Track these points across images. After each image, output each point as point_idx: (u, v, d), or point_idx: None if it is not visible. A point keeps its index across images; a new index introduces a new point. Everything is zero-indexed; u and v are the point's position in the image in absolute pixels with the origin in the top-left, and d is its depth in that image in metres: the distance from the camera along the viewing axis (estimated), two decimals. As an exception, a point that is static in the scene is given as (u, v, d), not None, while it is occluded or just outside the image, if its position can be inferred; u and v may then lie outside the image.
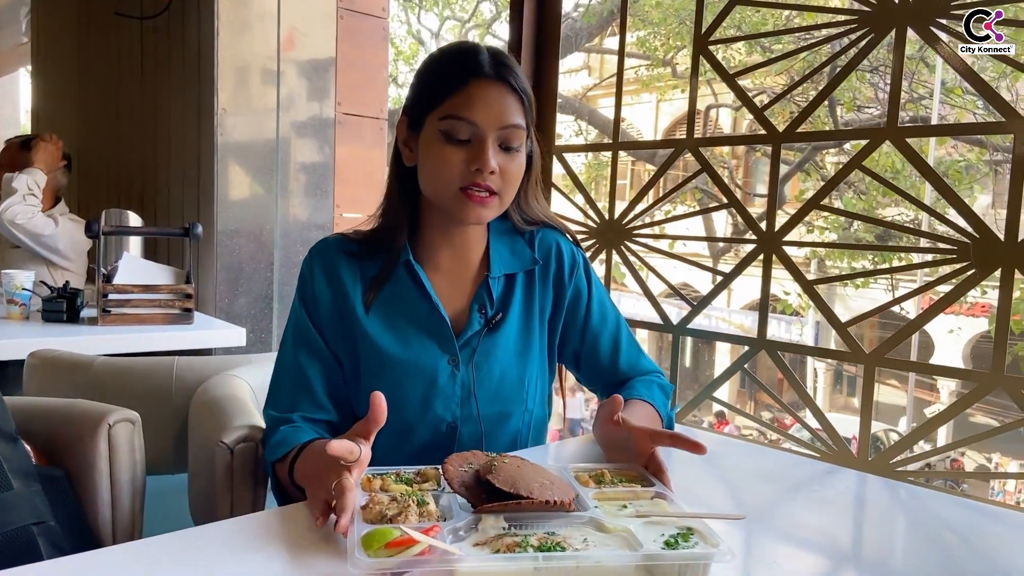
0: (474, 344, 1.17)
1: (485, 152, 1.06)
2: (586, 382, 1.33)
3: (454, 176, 1.07)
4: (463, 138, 1.07)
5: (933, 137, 6.94)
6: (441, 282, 1.19)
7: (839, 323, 1.42)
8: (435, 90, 1.09)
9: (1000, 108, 1.22)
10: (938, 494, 1.12)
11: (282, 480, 1.06)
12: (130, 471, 1.20)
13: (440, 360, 1.15)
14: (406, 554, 0.71)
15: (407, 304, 1.17)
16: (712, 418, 10.92)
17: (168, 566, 0.78)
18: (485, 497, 0.84)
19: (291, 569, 0.77)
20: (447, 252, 1.20)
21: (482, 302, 1.19)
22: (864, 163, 1.40)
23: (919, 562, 0.91)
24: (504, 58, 1.11)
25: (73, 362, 1.57)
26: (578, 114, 11.79)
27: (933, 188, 1.29)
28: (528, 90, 1.11)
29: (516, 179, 1.12)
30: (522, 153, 1.12)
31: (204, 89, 2.79)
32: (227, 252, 2.77)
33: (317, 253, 1.20)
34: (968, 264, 1.24)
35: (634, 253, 1.73)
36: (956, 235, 1.27)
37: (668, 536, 0.79)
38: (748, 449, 1.34)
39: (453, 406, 1.15)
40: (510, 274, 1.22)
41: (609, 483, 0.95)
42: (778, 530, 0.97)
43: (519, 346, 1.21)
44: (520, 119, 1.09)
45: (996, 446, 10.39)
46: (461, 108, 1.06)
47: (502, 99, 1.07)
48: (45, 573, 0.76)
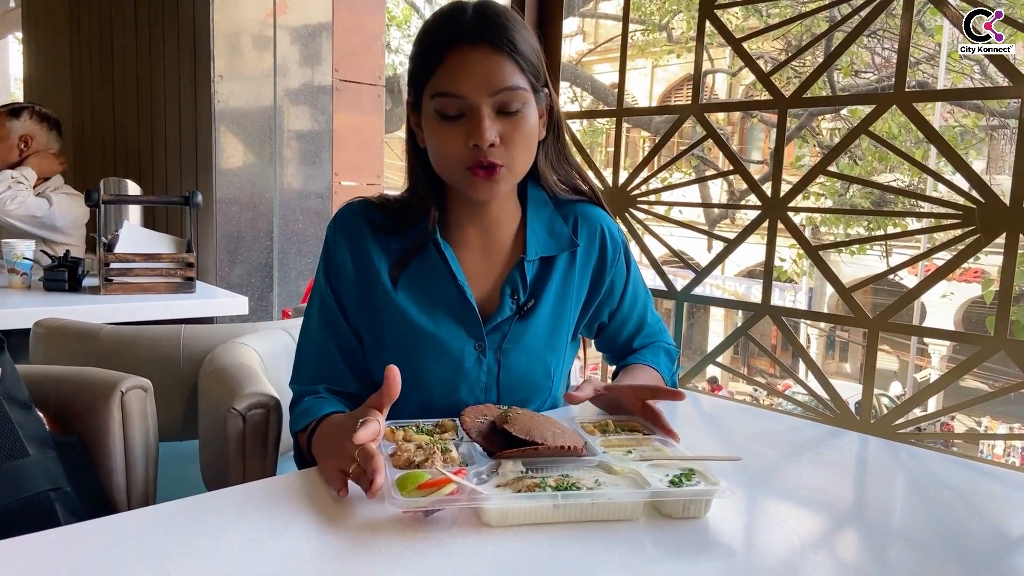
0: (504, 330, 1.12)
1: (480, 126, 0.98)
2: (601, 349, 1.33)
3: (456, 156, 1.02)
4: (457, 114, 1.00)
5: (938, 102, 6.92)
6: (471, 261, 1.14)
7: (843, 288, 1.43)
8: (423, 66, 1.03)
9: (1008, 72, 1.22)
10: (939, 455, 1.15)
11: (303, 450, 1.06)
12: (143, 437, 1.21)
13: (467, 344, 1.11)
14: (438, 494, 0.77)
15: (434, 284, 1.12)
16: (705, 384, 11.02)
17: (189, 529, 0.79)
18: (501, 445, 0.89)
19: (309, 530, 0.78)
20: (475, 229, 1.14)
21: (515, 286, 1.13)
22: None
23: (922, 522, 0.93)
24: (490, 14, 1.01)
25: (80, 331, 1.58)
26: (573, 80, 11.69)
27: (940, 153, 1.30)
28: (521, 44, 1.01)
29: (525, 144, 1.04)
30: (529, 114, 1.03)
31: (200, 56, 2.76)
32: (226, 221, 2.76)
33: (342, 221, 1.15)
34: (973, 229, 1.25)
35: (639, 221, 1.74)
36: (959, 200, 1.28)
37: (672, 476, 0.85)
38: (751, 412, 1.36)
39: (477, 391, 1.13)
40: (547, 256, 1.16)
41: (613, 432, 1.01)
42: (782, 490, 0.99)
43: (549, 334, 1.16)
44: (516, 78, 1.00)
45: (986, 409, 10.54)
46: (446, 83, 0.99)
47: (488, 63, 0.99)
48: (65, 538, 0.76)
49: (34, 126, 2.80)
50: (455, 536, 0.77)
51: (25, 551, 0.72)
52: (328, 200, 3.00)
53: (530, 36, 1.05)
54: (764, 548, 0.82)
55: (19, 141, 2.75)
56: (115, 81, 3.59)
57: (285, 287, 2.91)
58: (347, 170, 3.05)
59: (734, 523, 0.85)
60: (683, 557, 0.76)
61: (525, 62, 1.02)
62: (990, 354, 1.26)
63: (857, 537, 0.88)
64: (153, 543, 0.75)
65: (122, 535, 0.77)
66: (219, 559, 0.72)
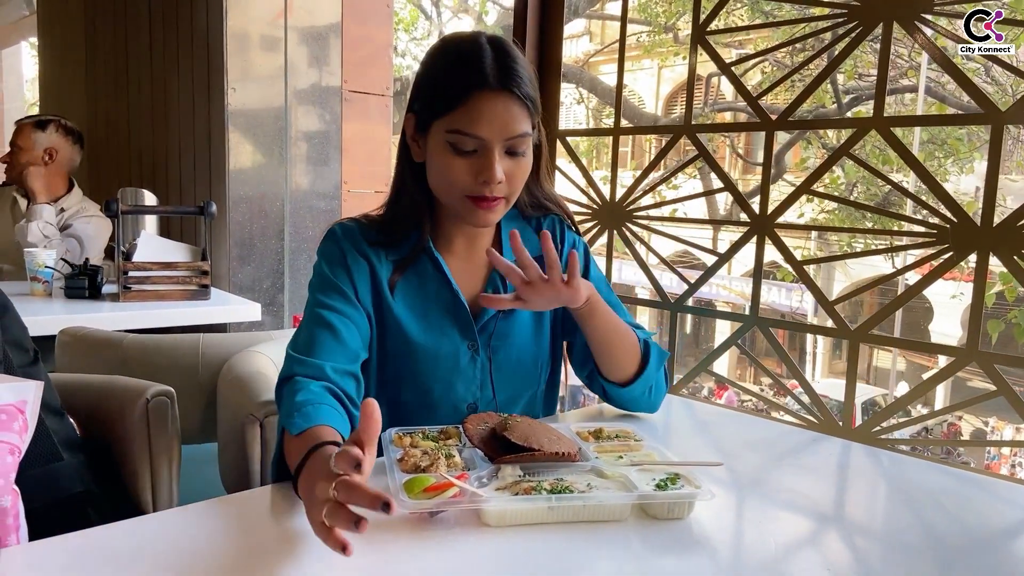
0: (490, 328, 1.22)
1: (492, 166, 1.08)
2: (577, 368, 1.34)
3: (461, 186, 1.10)
4: (469, 149, 1.08)
5: (917, 127, 6.90)
6: (457, 267, 1.23)
7: (825, 300, 1.51)
8: (439, 99, 1.10)
9: (978, 100, 1.29)
10: (919, 461, 1.21)
11: (286, 459, 0.96)
12: (167, 442, 1.29)
13: (461, 345, 1.20)
14: (442, 497, 0.85)
15: (429, 290, 1.21)
16: (712, 384, 11.06)
17: (216, 529, 0.86)
18: (500, 450, 0.97)
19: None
20: (461, 238, 1.24)
21: (496, 286, 1.24)
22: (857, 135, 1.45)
23: (897, 524, 1.00)
24: (508, 60, 1.09)
25: (104, 339, 1.66)
26: (579, 82, 11.73)
27: (917, 176, 1.37)
28: (531, 89, 1.11)
29: (522, 179, 1.15)
30: (529, 155, 1.14)
31: (213, 62, 2.82)
32: (239, 228, 2.83)
33: (343, 234, 1.19)
34: (947, 247, 1.32)
35: (635, 234, 1.81)
36: (937, 219, 1.35)
37: (659, 480, 0.94)
38: (739, 419, 1.43)
39: (474, 388, 1.22)
40: None
41: (606, 438, 1.09)
42: (762, 494, 1.06)
43: (532, 328, 1.26)
44: (526, 126, 1.10)
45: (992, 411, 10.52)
46: (466, 124, 1.07)
47: (507, 111, 1.07)
48: (99, 537, 0.82)
49: (59, 139, 2.87)
50: (458, 535, 0.85)
51: (63, 550, 0.79)
52: (337, 201, 3.05)
53: (532, 72, 1.13)
54: (744, 547, 0.89)
55: (44, 154, 2.83)
56: (130, 87, 3.66)
57: (295, 289, 2.98)
58: (356, 179, 3.12)
59: (716, 524, 0.92)
60: (668, 555, 0.84)
61: (532, 106, 1.11)
62: (963, 365, 1.33)
63: (834, 538, 0.95)
64: (183, 542, 0.82)
65: (156, 533, 0.84)
66: (245, 557, 0.79)
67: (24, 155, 2.82)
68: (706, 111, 11.31)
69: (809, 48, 6.27)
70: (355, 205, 3.09)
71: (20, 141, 2.84)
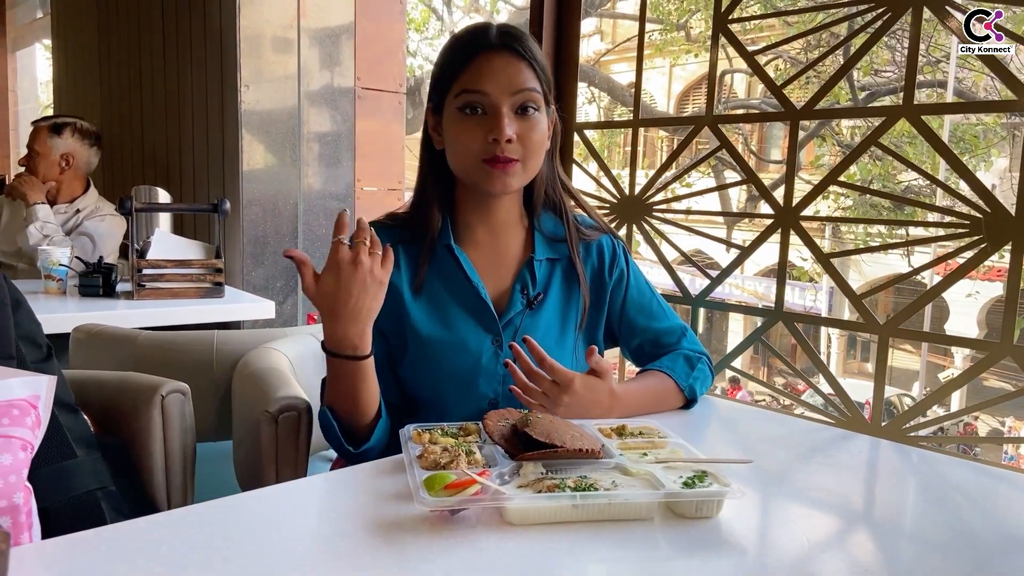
0: (516, 324, 1.21)
1: (500, 121, 1.10)
2: (629, 356, 1.37)
3: (475, 148, 1.12)
4: (479, 111, 1.12)
5: (947, 116, 6.87)
6: (482, 260, 1.23)
7: (853, 294, 1.47)
8: (449, 72, 1.15)
9: (1011, 85, 1.25)
10: (949, 458, 1.18)
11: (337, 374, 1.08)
12: (182, 439, 1.27)
13: (484, 340, 1.19)
14: (463, 494, 0.83)
15: (451, 285, 1.21)
16: (726, 384, 11.00)
17: (232, 527, 0.84)
18: (521, 447, 0.94)
19: (344, 528, 0.84)
20: (484, 229, 1.24)
21: (524, 282, 1.23)
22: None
23: (929, 523, 0.97)
24: (511, 28, 1.15)
25: (118, 336, 1.65)
26: (591, 80, 11.70)
27: (948, 164, 1.33)
28: (538, 56, 1.15)
29: (538, 144, 1.15)
30: (542, 119, 1.15)
31: (226, 63, 2.83)
32: (252, 227, 2.83)
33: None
34: (980, 238, 1.28)
35: (654, 228, 1.78)
36: (969, 209, 1.31)
37: (686, 478, 0.89)
38: (764, 416, 1.40)
39: (495, 384, 1.20)
40: (552, 258, 1.26)
41: (629, 435, 1.05)
42: (792, 492, 1.03)
43: (557, 328, 1.25)
44: (533, 83, 1.13)
45: (1010, 410, 10.43)
46: (472, 81, 1.12)
47: (510, 66, 1.12)
48: (113, 535, 0.81)
49: (76, 144, 2.86)
50: (479, 534, 0.82)
51: (76, 548, 0.77)
52: (350, 200, 3.06)
53: (543, 56, 1.16)
54: (774, 547, 0.86)
55: (60, 159, 2.82)
56: (143, 87, 3.67)
57: (309, 290, 2.97)
58: (369, 175, 3.11)
59: (745, 523, 0.89)
60: (696, 555, 0.81)
61: (541, 71, 1.15)
62: (997, 359, 1.29)
63: (865, 537, 0.91)
64: (199, 540, 0.80)
65: (172, 531, 0.82)
66: (262, 555, 0.77)
67: (41, 161, 2.81)
68: (719, 109, 11.25)
69: (831, 38, 6.21)
70: (368, 203, 3.09)
71: (37, 146, 2.83)
